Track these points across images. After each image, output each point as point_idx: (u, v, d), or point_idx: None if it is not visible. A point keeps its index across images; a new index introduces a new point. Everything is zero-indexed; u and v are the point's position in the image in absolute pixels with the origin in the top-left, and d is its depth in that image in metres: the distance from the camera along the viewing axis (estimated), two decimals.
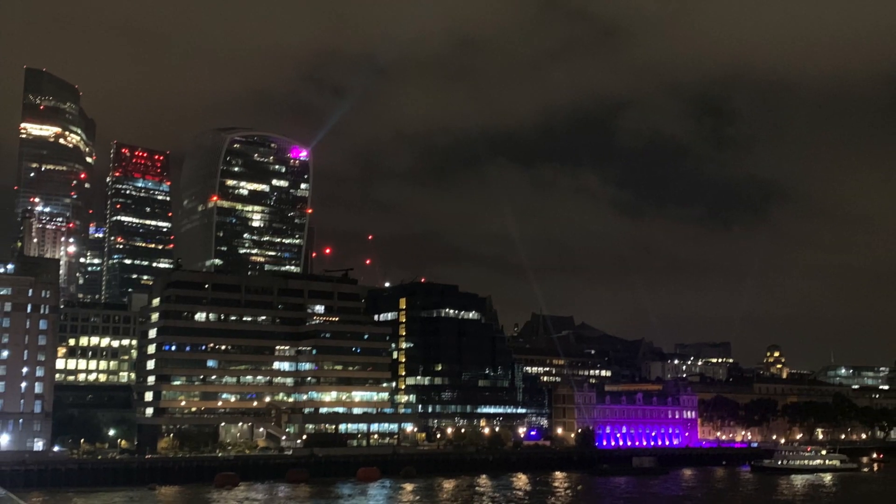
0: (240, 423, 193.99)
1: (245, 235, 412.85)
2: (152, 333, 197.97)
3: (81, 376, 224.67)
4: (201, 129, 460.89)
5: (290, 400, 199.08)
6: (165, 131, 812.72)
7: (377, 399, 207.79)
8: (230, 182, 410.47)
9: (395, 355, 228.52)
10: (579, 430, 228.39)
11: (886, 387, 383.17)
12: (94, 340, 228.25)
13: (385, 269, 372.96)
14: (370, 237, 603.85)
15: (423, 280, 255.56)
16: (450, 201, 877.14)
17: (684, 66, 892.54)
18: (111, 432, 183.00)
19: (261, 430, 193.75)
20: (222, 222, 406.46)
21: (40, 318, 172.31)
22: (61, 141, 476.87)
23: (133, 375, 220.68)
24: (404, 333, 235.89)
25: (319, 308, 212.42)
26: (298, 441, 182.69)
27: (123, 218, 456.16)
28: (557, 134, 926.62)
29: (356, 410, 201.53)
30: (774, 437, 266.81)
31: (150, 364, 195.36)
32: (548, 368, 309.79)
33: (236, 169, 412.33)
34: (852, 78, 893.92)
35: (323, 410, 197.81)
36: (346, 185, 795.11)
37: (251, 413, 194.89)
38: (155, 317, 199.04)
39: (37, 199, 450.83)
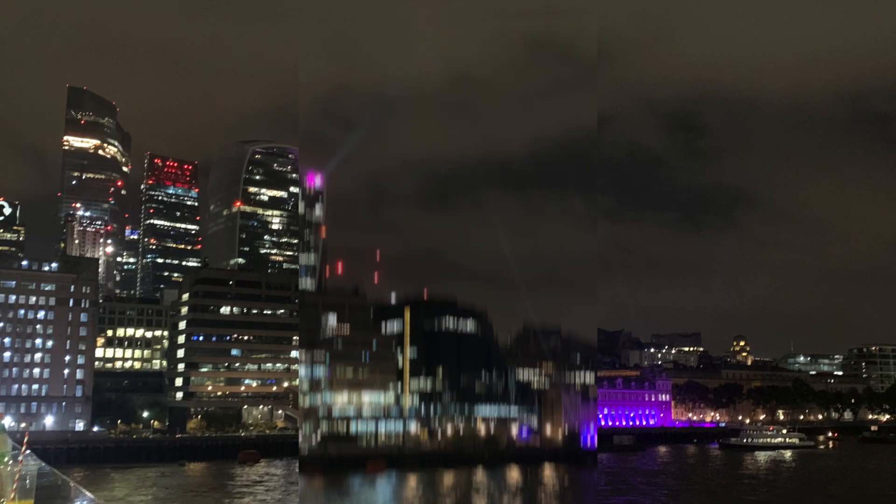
0: (261, 406, 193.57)
1: (265, 237, 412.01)
2: (182, 325, 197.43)
3: (118, 364, 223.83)
4: (226, 141, 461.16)
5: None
6: (194, 143, 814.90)
7: (384, 401, 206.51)
8: (252, 189, 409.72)
9: (400, 362, 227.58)
10: (566, 429, 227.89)
11: (840, 373, 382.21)
12: (130, 331, 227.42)
13: (391, 285, 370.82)
14: (377, 255, 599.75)
15: (425, 295, 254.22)
16: (449, 223, 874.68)
17: (660, 86, 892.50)
18: (145, 414, 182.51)
19: (279, 412, 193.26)
20: (245, 225, 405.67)
21: (81, 312, 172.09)
22: (100, 152, 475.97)
23: (165, 363, 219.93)
24: (409, 343, 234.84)
25: (332, 319, 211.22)
26: (313, 440, 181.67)
27: (156, 221, 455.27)
28: (546, 162, 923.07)
29: (365, 411, 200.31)
30: (740, 417, 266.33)
31: (181, 353, 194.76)
32: (538, 373, 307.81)
33: (257, 177, 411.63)
34: (810, 95, 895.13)
35: (335, 411, 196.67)
36: (357, 208, 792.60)
37: (271, 397, 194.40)
38: (184, 310, 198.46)
39: (78, 205, 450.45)
